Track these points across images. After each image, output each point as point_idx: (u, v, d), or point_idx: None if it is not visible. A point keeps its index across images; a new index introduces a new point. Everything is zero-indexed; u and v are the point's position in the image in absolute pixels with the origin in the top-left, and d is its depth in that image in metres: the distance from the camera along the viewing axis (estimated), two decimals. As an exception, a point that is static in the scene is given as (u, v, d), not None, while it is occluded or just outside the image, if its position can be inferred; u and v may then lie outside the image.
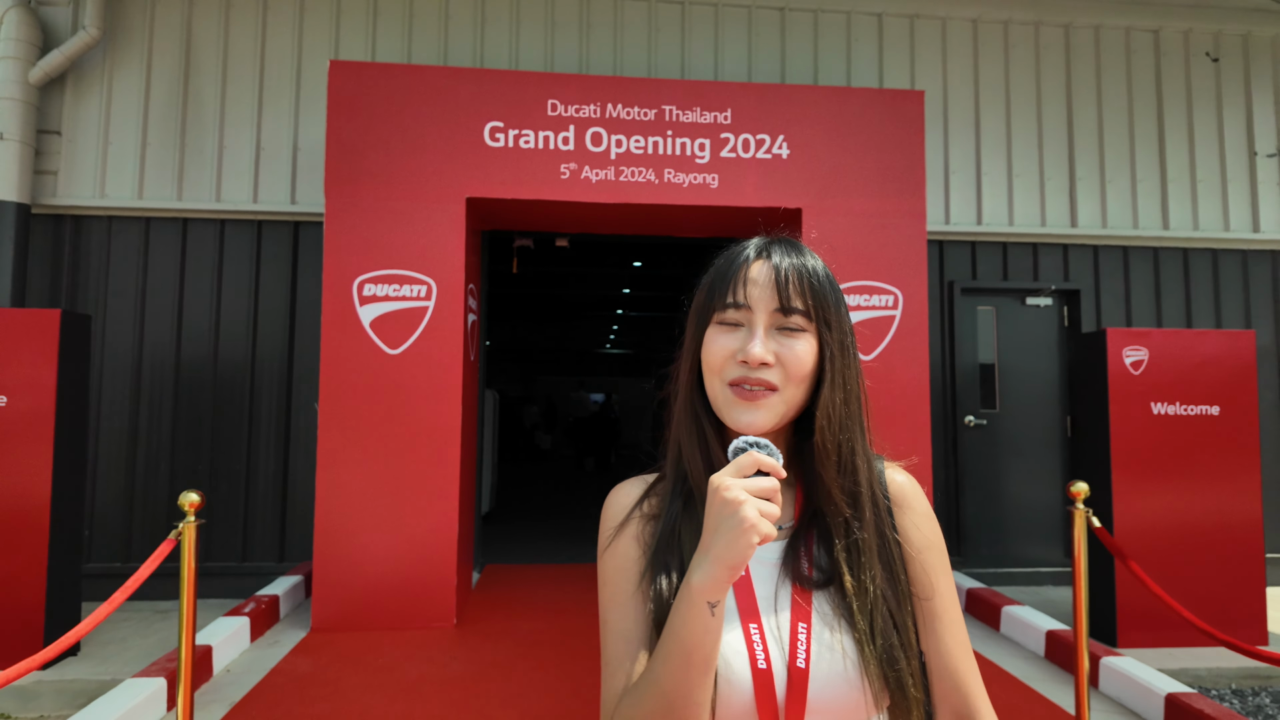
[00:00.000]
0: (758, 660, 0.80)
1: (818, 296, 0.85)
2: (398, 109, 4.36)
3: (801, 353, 0.83)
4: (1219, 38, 6.04)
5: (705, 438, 0.88)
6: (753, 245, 0.90)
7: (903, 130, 4.63)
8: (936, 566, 0.89)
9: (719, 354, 0.85)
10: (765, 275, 0.86)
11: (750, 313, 0.85)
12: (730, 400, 0.84)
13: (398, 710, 3.22)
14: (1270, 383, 5.89)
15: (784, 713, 0.79)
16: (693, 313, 0.91)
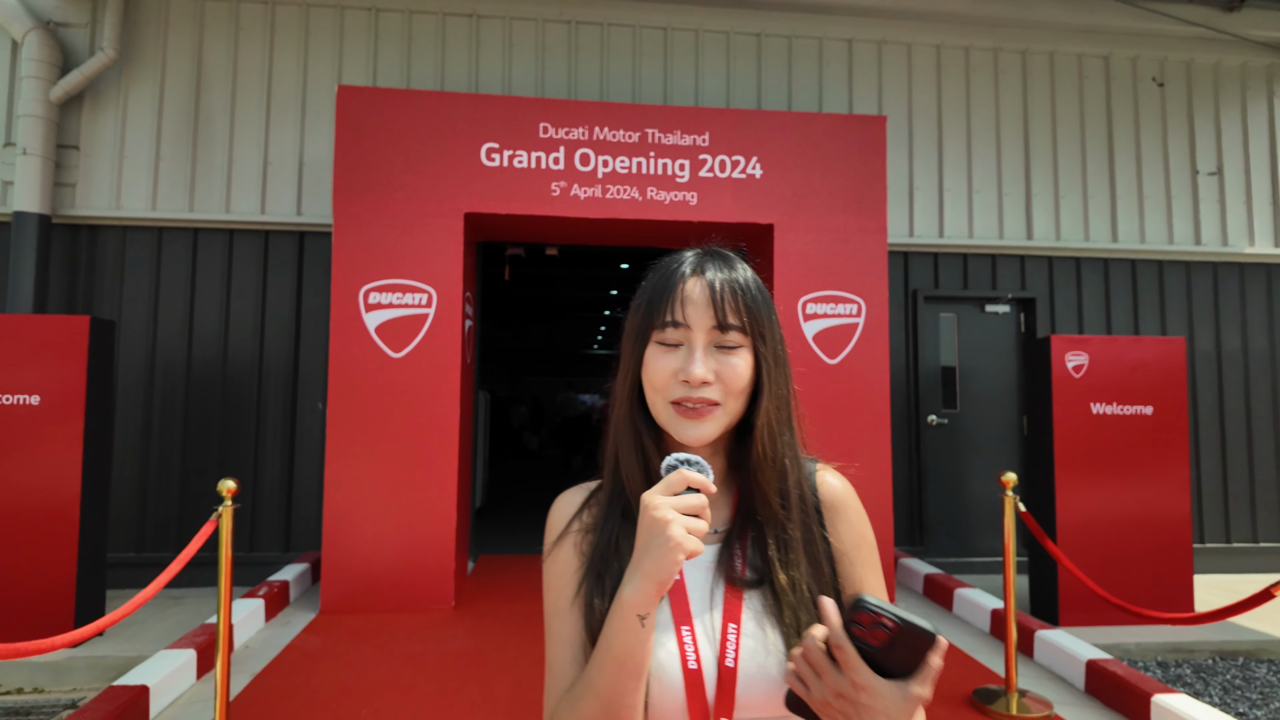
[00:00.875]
0: (689, 661, 0.83)
1: (751, 311, 0.89)
2: (400, 131, 4.72)
3: (739, 368, 0.87)
4: (1164, 64, 6.49)
5: (645, 451, 0.91)
6: (687, 262, 0.92)
7: (866, 152, 5.03)
8: (865, 562, 0.92)
9: (661, 374, 0.87)
10: (701, 293, 0.88)
11: (689, 331, 0.87)
12: (674, 417, 0.87)
13: (402, 680, 3.58)
14: (1211, 384, 6.34)
15: (713, 711, 0.82)
16: (631, 330, 0.92)
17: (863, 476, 3.75)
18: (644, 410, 0.92)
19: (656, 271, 0.93)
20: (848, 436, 4.87)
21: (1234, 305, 6.41)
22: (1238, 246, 6.41)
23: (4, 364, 4.16)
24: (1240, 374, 6.37)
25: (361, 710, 3.24)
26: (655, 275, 0.93)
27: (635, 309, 0.93)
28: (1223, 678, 4.14)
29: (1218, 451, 6.30)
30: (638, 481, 0.90)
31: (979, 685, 3.54)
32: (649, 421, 0.92)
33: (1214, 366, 6.36)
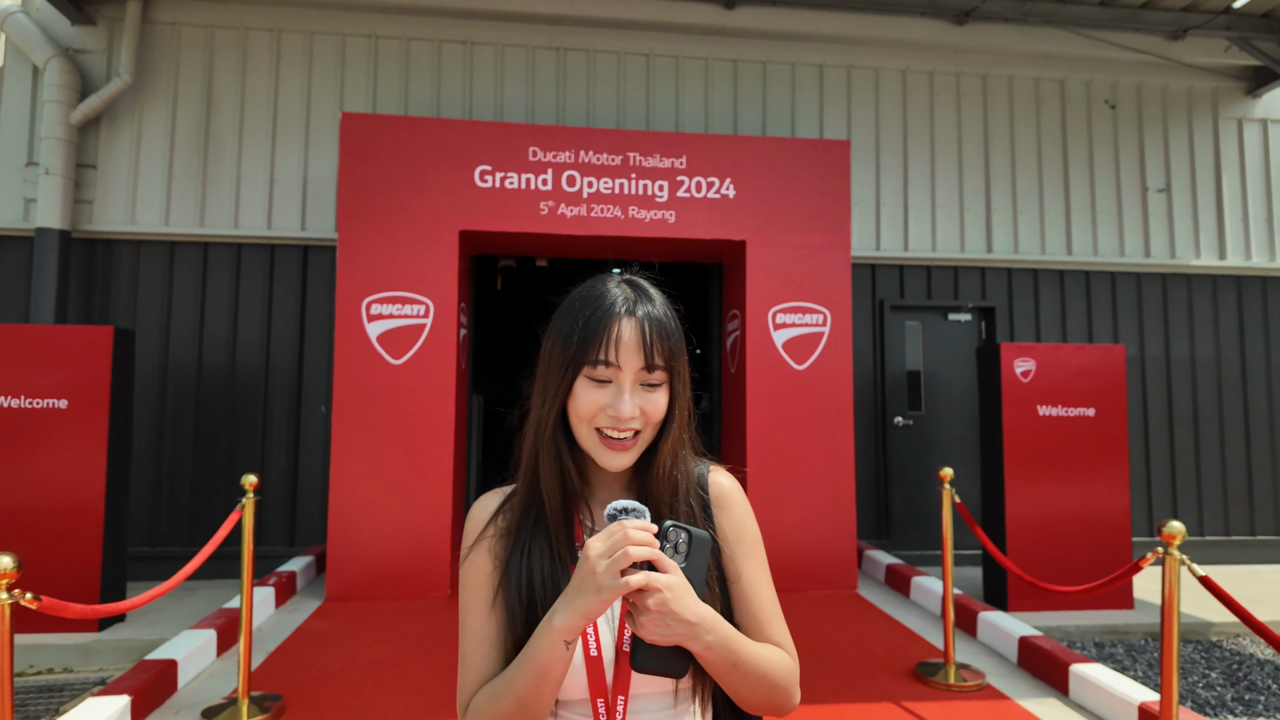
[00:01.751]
0: (590, 650, 0.95)
1: (673, 351, 0.98)
2: (400, 154, 5.10)
3: (660, 403, 0.98)
4: (1116, 87, 6.92)
5: (564, 471, 0.99)
6: (619, 298, 0.97)
7: (831, 174, 5.44)
8: (745, 554, 1.03)
9: (590, 407, 0.95)
10: (632, 336, 0.95)
11: (619, 371, 0.95)
12: (598, 446, 0.96)
13: (402, 657, 3.96)
14: (1160, 388, 6.77)
15: (611, 690, 0.94)
16: (560, 359, 0.97)
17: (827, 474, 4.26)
18: (566, 432, 1.00)
19: (584, 302, 0.98)
20: (814, 437, 5.27)
21: (1182, 314, 6.84)
22: (1185, 259, 6.84)
23: (35, 370, 4.52)
24: (1187, 378, 6.79)
25: (366, 682, 3.61)
26: (584, 307, 0.97)
27: (565, 337, 0.97)
28: (1150, 655, 4.55)
29: (1166, 451, 6.72)
30: (556, 498, 0.99)
31: (923, 659, 3.94)
32: (571, 442, 1.00)
33: (1163, 371, 6.78)
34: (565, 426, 0.99)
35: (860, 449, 6.32)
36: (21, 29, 5.70)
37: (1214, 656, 4.55)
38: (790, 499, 5.20)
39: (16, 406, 4.52)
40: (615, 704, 0.95)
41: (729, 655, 0.90)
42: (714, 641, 0.87)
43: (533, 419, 1.01)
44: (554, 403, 0.97)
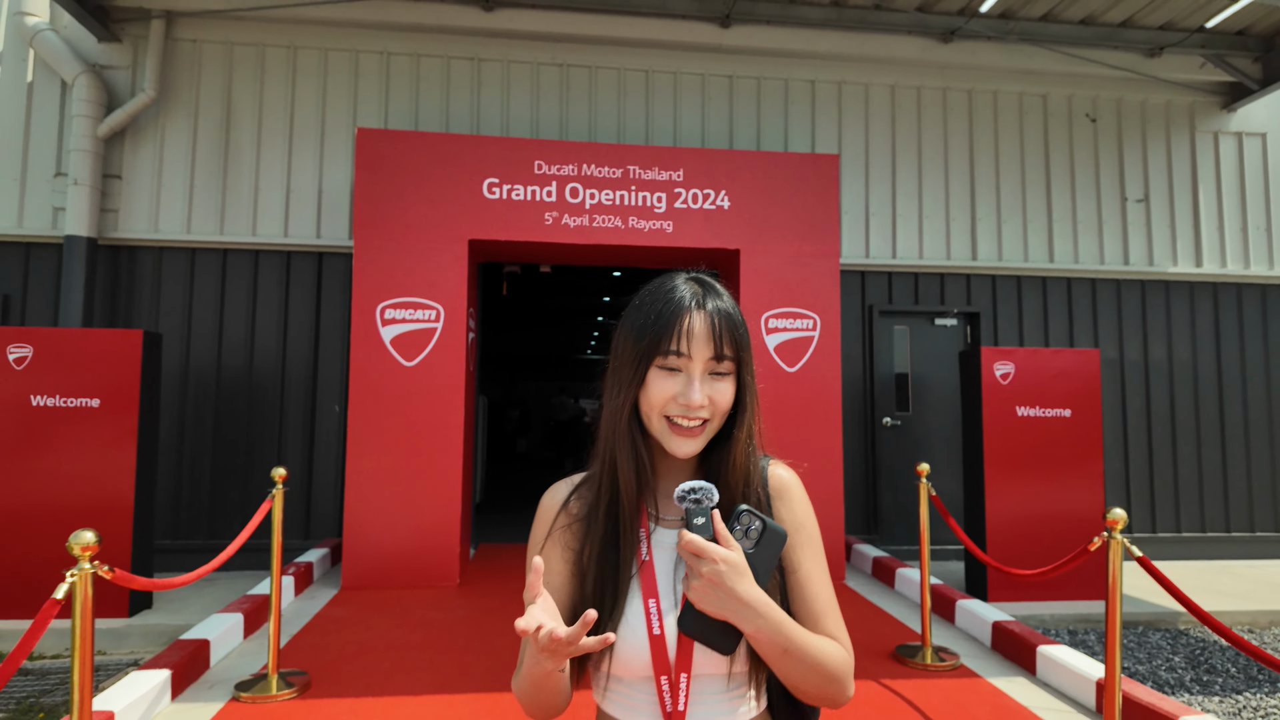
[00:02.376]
0: (653, 628, 0.98)
1: (740, 344, 1.02)
2: (413, 167, 5.39)
3: (728, 392, 1.01)
4: (1096, 101, 7.22)
5: (639, 458, 1.04)
6: (688, 292, 1.03)
7: (821, 187, 5.73)
8: (803, 544, 1.05)
9: (661, 396, 1.00)
10: (703, 328, 1.00)
11: (689, 361, 0.99)
12: (667, 433, 1.01)
13: (416, 639, 4.23)
14: (1139, 390, 7.05)
15: (674, 668, 0.98)
16: (633, 351, 1.02)
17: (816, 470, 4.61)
18: (639, 421, 1.05)
19: (655, 298, 1.04)
20: (804, 436, 5.55)
21: (1160, 319, 7.12)
22: (1162, 266, 7.13)
23: (70, 371, 4.81)
24: (1165, 381, 7.07)
25: (383, 662, 3.89)
26: (655, 301, 1.03)
27: (638, 332, 1.02)
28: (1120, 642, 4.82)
29: (1145, 451, 7.00)
30: (631, 483, 1.03)
31: (903, 643, 4.21)
32: (644, 431, 1.05)
33: (1141, 374, 7.06)
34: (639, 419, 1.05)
35: (850, 448, 6.60)
36: (51, 46, 5.98)
37: (1179, 643, 4.83)
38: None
39: (52, 405, 4.81)
40: (679, 681, 0.98)
41: (781, 640, 0.93)
42: (765, 625, 0.91)
43: (607, 410, 1.06)
44: (629, 393, 1.03)
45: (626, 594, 1.01)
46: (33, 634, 1.98)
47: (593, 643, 0.83)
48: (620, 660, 0.99)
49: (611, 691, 1.03)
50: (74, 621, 2.08)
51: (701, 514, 0.93)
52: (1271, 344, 7.22)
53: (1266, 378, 7.18)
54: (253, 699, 3.41)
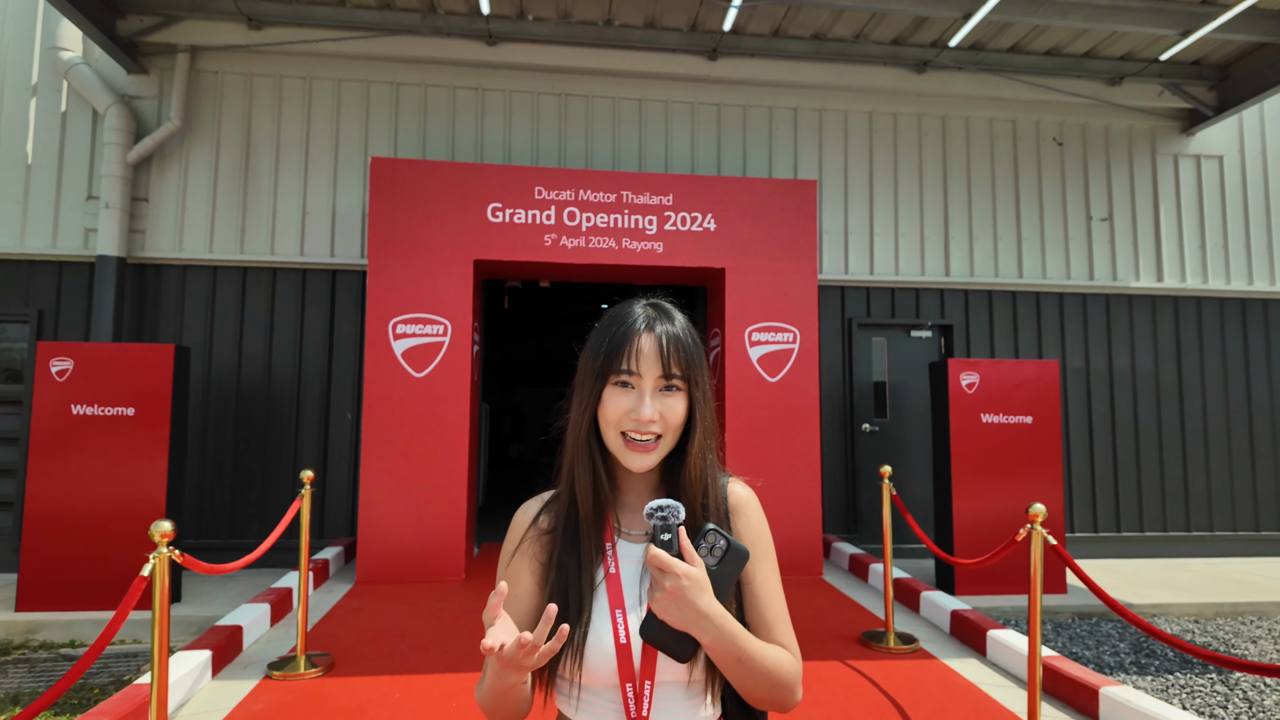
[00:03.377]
0: (619, 637, 1.04)
1: (689, 362, 1.09)
2: (422, 193, 5.83)
3: (678, 408, 1.08)
4: (1063, 126, 7.67)
5: (597, 471, 1.11)
6: (640, 317, 1.11)
7: (800, 210, 6.17)
8: (758, 559, 1.12)
9: (616, 410, 1.07)
10: (651, 347, 1.07)
11: (640, 379, 1.07)
12: (623, 448, 1.08)
13: (428, 628, 4.65)
14: (1103, 397, 7.48)
15: (639, 676, 1.04)
16: (590, 370, 1.11)
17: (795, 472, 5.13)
18: (598, 436, 1.12)
19: (612, 321, 1.12)
20: (785, 441, 5.98)
21: (1123, 331, 7.57)
22: (1125, 281, 7.57)
23: (107, 382, 5.23)
24: (1128, 389, 7.51)
25: (399, 645, 4.31)
26: (612, 325, 1.12)
27: (595, 352, 1.11)
28: (1072, 630, 5.25)
29: (1109, 455, 7.43)
30: (588, 496, 1.11)
31: (868, 629, 4.64)
32: (602, 447, 1.12)
33: (1106, 382, 7.50)
34: (598, 435, 1.12)
35: (830, 452, 7.03)
36: (84, 79, 6.42)
37: (1127, 632, 5.25)
38: (763, 495, 5.87)
39: (91, 414, 5.23)
40: (643, 689, 1.03)
41: (734, 650, 0.99)
42: (720, 636, 0.97)
43: (570, 426, 1.14)
44: (587, 408, 1.11)
45: (592, 605, 1.07)
46: (119, 616, 2.39)
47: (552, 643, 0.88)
48: (588, 668, 1.04)
49: (578, 700, 1.08)
50: (155, 593, 2.50)
51: (668, 530, 0.98)
52: (1229, 354, 7.67)
53: (1224, 386, 7.62)
54: (284, 677, 3.83)
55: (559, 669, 1.08)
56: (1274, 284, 7.77)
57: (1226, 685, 4.20)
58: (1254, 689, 4.14)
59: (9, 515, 6.29)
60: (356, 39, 6.54)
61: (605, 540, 1.12)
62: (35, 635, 4.96)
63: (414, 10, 6.53)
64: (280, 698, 3.60)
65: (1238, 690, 4.12)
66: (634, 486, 1.16)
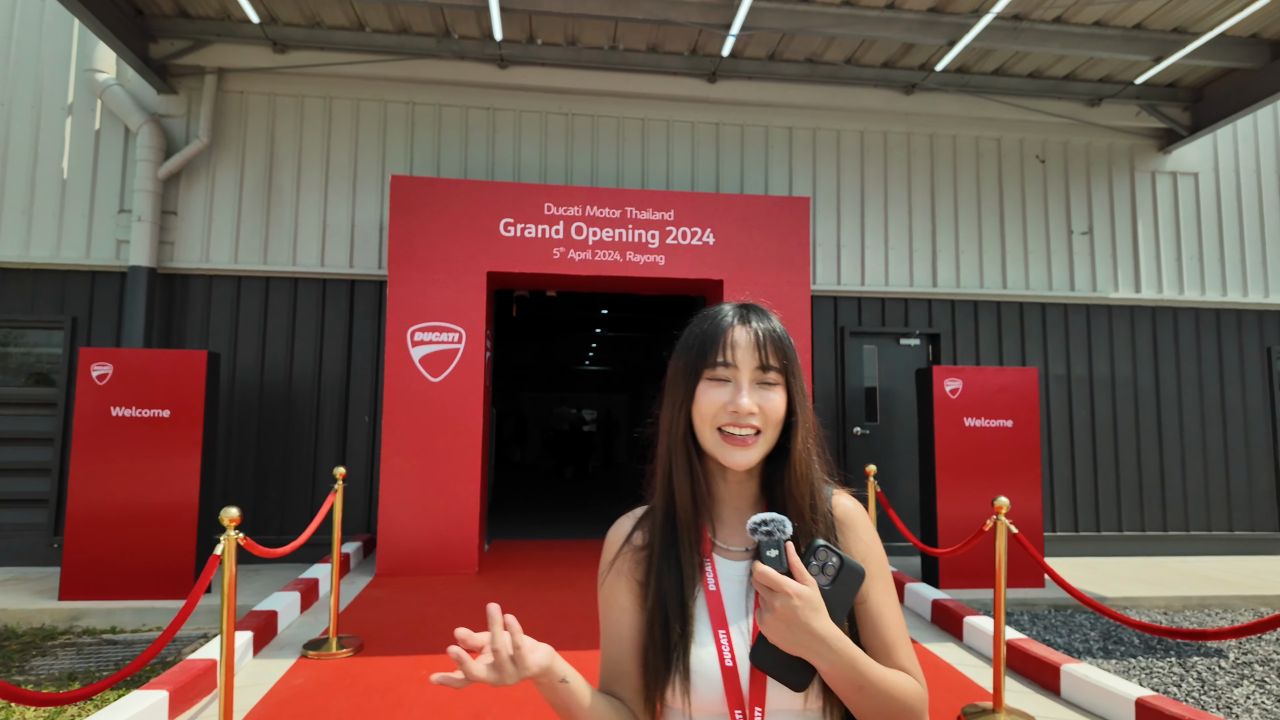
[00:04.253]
0: (725, 660, 0.99)
1: (786, 356, 1.06)
2: (439, 209, 6.20)
3: (778, 402, 1.04)
4: (1045, 144, 8.06)
5: (695, 472, 1.07)
6: (733, 313, 1.08)
7: (794, 225, 6.55)
8: (873, 575, 1.04)
9: (712, 405, 1.04)
10: (746, 339, 1.04)
11: (736, 370, 1.03)
12: (720, 444, 1.03)
13: (447, 614, 5.00)
14: (1083, 403, 7.85)
15: (748, 702, 0.98)
16: (682, 369, 1.07)
17: None
18: (694, 441, 1.07)
19: (704, 320, 1.09)
20: (779, 443, 6.34)
21: (1103, 340, 7.94)
22: (1104, 292, 7.95)
23: (146, 386, 5.59)
24: (1108, 395, 7.88)
25: (421, 629, 4.66)
26: (703, 324, 1.08)
27: (686, 350, 1.07)
28: (1047, 621, 5.61)
29: (1089, 457, 7.80)
30: (686, 496, 1.06)
31: (856, 617, 5.00)
32: (700, 453, 1.07)
33: (1087, 388, 7.87)
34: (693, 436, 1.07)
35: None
36: (118, 99, 6.80)
37: (1099, 622, 5.61)
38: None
39: (129, 416, 5.59)
40: (753, 716, 0.98)
41: (855, 677, 0.92)
42: (839, 662, 0.91)
43: (663, 432, 1.10)
44: (681, 409, 1.07)
45: (694, 624, 1.02)
46: (193, 597, 2.75)
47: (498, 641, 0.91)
48: (695, 694, 0.99)
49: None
50: (224, 572, 2.86)
51: (774, 546, 0.93)
52: (1203, 362, 8.04)
53: (1199, 392, 8.00)
54: (318, 656, 4.18)
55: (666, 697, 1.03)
56: (1247, 295, 8.15)
57: (1183, 668, 4.56)
58: (1208, 670, 4.50)
59: (43, 511, 6.64)
60: (375, 62, 6.92)
61: (703, 555, 1.07)
62: (79, 622, 5.31)
63: (429, 35, 6.91)
64: (317, 674, 3.95)
65: (1193, 672, 4.48)
66: (731, 499, 1.11)
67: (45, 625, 5.28)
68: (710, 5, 6.21)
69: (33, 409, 6.74)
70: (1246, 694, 4.12)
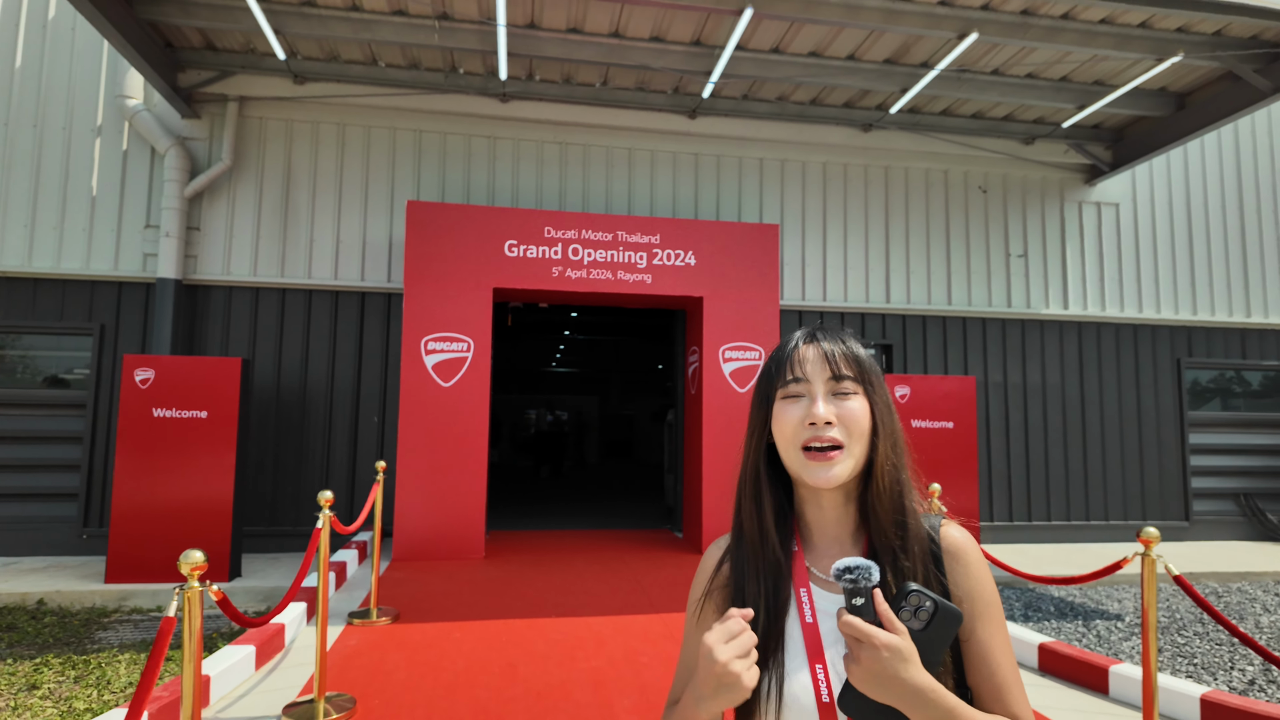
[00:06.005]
0: (822, 695, 0.95)
1: (860, 365, 1.05)
2: (450, 231, 6.90)
3: (857, 409, 1.01)
4: (987, 177, 9.04)
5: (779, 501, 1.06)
6: (801, 335, 1.09)
7: (765, 248, 7.39)
8: (981, 613, 0.99)
9: (789, 423, 1.02)
10: (815, 353, 1.05)
11: (809, 384, 1.03)
12: (804, 463, 1.00)
13: (464, 590, 5.70)
14: (1019, 407, 8.84)
15: None
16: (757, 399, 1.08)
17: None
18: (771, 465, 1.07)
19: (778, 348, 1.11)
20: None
21: (1035, 351, 8.94)
22: (1037, 309, 8.95)
23: (186, 389, 6.19)
24: (1040, 399, 8.88)
25: (445, 602, 5.37)
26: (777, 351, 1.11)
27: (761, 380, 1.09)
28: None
29: (1023, 455, 8.79)
30: (753, 526, 1.06)
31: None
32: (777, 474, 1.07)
33: (1021, 394, 8.86)
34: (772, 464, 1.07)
35: (789, 453, 8.23)
36: (146, 123, 7.35)
37: (1024, 595, 6.53)
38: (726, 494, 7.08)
39: (169, 417, 6.18)
40: None
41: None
42: (934, 714, 0.88)
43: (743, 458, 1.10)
44: (757, 435, 1.07)
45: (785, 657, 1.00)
46: (305, 563, 3.43)
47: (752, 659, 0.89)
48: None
49: None
50: (321, 544, 3.55)
51: (861, 594, 0.89)
52: (1122, 370, 9.10)
53: (1118, 397, 9.05)
54: (363, 624, 4.87)
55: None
56: (1160, 312, 9.23)
57: (1086, 628, 5.49)
58: (1106, 630, 5.44)
59: (74, 505, 7.17)
60: (387, 95, 7.59)
61: (799, 586, 1.03)
62: (127, 602, 5.90)
63: (438, 70, 7.60)
64: (366, 637, 4.65)
65: (1094, 632, 5.41)
66: (828, 526, 1.06)
67: (97, 605, 5.85)
68: (693, 54, 7.02)
69: (63, 409, 7.25)
70: (1134, 647, 5.05)
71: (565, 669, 4.15)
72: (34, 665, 4.41)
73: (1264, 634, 5.41)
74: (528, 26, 6.75)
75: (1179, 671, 4.59)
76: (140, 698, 1.97)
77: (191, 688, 2.20)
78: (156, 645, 2.07)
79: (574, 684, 3.95)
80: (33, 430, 7.18)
